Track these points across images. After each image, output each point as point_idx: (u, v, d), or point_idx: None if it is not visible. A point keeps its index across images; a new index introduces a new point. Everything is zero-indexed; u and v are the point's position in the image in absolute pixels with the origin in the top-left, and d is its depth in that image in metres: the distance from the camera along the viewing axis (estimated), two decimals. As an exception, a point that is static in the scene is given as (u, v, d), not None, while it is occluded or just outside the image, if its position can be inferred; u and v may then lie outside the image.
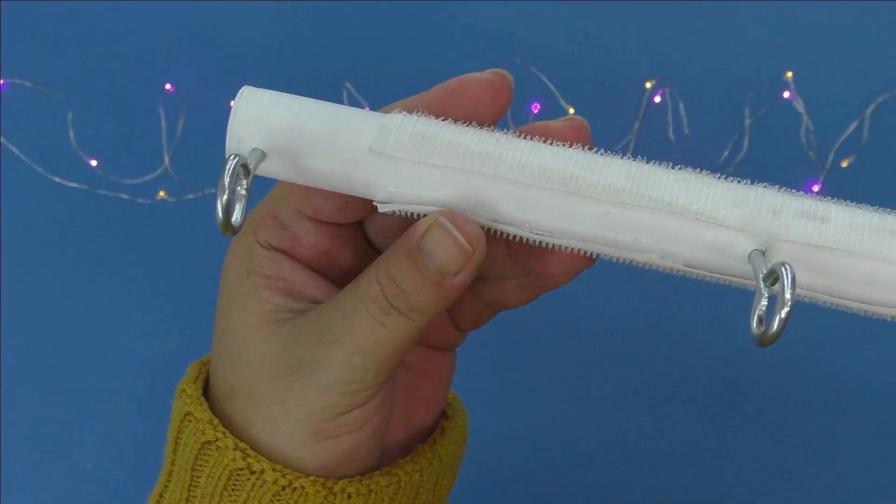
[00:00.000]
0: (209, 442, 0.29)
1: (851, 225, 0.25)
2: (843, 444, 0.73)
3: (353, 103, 0.75)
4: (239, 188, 0.26)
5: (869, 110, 0.69)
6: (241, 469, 0.28)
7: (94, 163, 0.78)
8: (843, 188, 0.70)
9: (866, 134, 0.69)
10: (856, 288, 0.25)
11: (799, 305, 0.26)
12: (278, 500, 0.28)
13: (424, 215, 0.27)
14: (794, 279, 0.23)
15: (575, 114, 0.73)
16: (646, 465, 0.75)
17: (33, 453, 0.75)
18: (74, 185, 0.77)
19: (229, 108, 0.82)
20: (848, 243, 0.24)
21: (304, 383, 0.28)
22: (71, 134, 0.78)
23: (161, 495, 0.32)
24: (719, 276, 0.26)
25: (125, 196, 0.75)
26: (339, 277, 0.31)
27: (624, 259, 0.26)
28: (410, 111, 0.28)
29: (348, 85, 0.75)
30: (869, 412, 0.72)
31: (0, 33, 0.80)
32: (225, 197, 0.25)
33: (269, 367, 0.28)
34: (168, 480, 0.31)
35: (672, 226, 0.25)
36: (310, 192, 0.29)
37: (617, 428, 0.76)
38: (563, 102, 0.73)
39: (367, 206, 0.28)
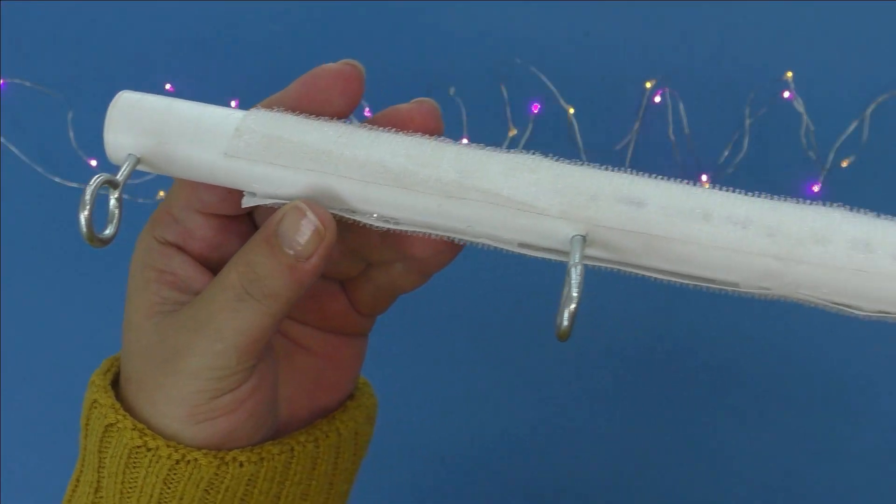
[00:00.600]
0: (111, 424, 0.31)
1: (666, 209, 0.26)
2: (844, 444, 0.73)
3: (353, 103, 0.76)
4: (113, 199, 0.29)
5: (869, 110, 0.69)
6: (138, 447, 0.30)
7: (94, 163, 0.78)
8: (843, 188, 0.70)
9: (866, 134, 0.69)
10: (674, 266, 0.26)
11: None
12: (174, 474, 0.30)
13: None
14: (581, 280, 0.25)
15: (574, 114, 0.73)
16: (645, 465, 0.75)
17: (33, 453, 0.75)
18: (74, 185, 0.77)
19: (229, 108, 0.82)
20: (661, 228, 0.26)
21: (176, 370, 0.29)
22: (71, 134, 0.78)
23: (77, 479, 0.35)
24: (556, 258, 0.27)
25: (125, 196, 0.75)
26: None
27: (466, 242, 0.28)
28: (271, 106, 0.30)
29: (348, 85, 0.75)
30: (869, 412, 0.72)
31: (0, 33, 0.80)
32: (86, 212, 0.27)
33: (151, 355, 0.30)
34: (82, 465, 0.34)
35: (499, 215, 0.27)
36: (196, 187, 0.31)
37: (617, 428, 0.76)
38: (563, 102, 0.73)
39: None
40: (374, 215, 0.28)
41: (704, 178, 0.72)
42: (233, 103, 0.77)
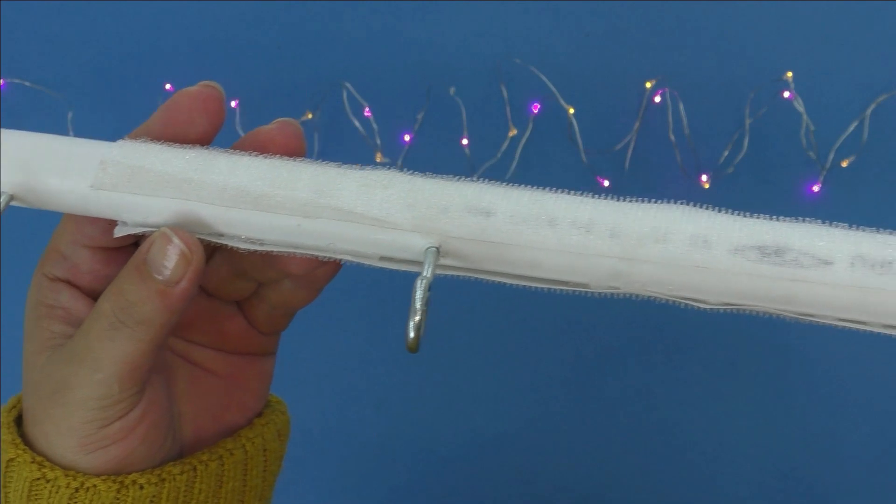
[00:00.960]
0: (11, 459, 0.31)
1: (513, 217, 0.26)
2: (844, 444, 0.73)
3: (354, 103, 0.76)
4: None
5: (869, 110, 0.69)
6: (37, 479, 0.31)
7: (94, 163, 0.78)
8: (843, 188, 0.70)
9: (866, 134, 0.69)
10: (525, 271, 0.27)
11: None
12: (74, 502, 0.31)
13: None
14: (425, 293, 0.26)
15: (574, 114, 0.73)
16: (645, 465, 0.76)
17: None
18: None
19: (230, 108, 0.82)
20: (509, 236, 0.26)
21: (63, 402, 0.30)
22: (71, 134, 0.78)
23: None
24: (417, 269, 0.28)
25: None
26: None
27: (333, 259, 0.29)
28: (138, 137, 0.31)
29: (348, 85, 0.75)
30: (869, 412, 0.73)
31: (0, 33, 0.80)
32: None
33: (41, 389, 0.31)
34: None
35: (355, 231, 0.28)
36: (80, 222, 0.32)
37: (617, 428, 0.76)
38: (563, 102, 0.73)
39: None
40: (241, 237, 0.29)
41: (704, 178, 0.72)
42: (233, 103, 0.77)
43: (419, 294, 0.26)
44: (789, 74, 0.70)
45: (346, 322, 0.78)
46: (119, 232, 0.30)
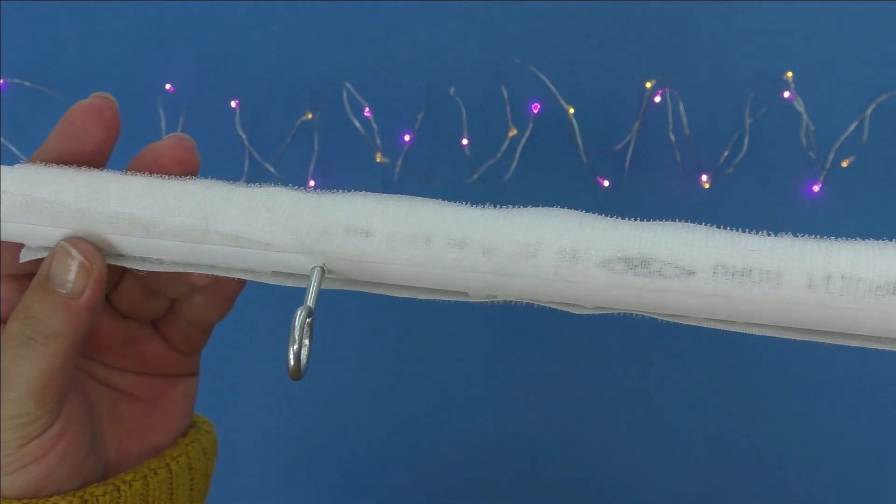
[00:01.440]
0: None
1: (391, 237, 0.28)
2: (844, 443, 0.73)
3: (353, 103, 0.76)
4: None
5: (869, 110, 0.69)
6: None
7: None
8: (843, 188, 0.70)
9: (866, 134, 0.69)
10: (407, 284, 0.28)
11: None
12: None
13: None
14: (303, 322, 0.27)
15: (574, 114, 0.73)
16: (646, 465, 0.75)
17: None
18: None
19: (230, 108, 0.82)
20: (386, 256, 0.28)
21: None
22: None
23: None
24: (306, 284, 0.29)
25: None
26: None
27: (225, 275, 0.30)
28: (38, 157, 0.31)
29: (348, 85, 0.75)
30: (869, 411, 0.73)
31: (0, 33, 0.80)
32: None
33: None
34: None
35: (244, 254, 0.29)
36: None
37: (617, 428, 0.76)
38: (563, 102, 0.73)
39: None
40: (139, 258, 0.30)
41: (704, 178, 0.72)
42: (233, 103, 0.77)
43: (297, 323, 0.27)
44: (789, 74, 0.70)
45: (345, 322, 0.78)
46: (25, 257, 0.30)
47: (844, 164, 0.70)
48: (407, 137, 0.76)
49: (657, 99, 0.72)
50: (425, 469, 0.78)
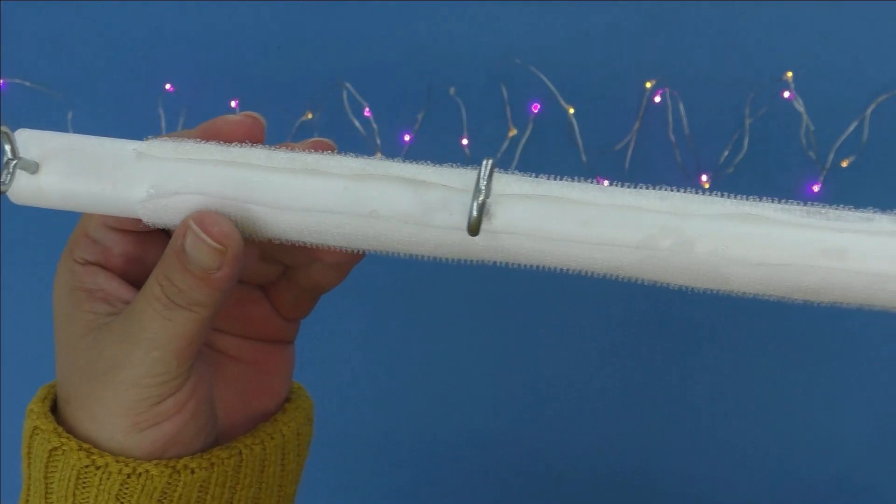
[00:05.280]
0: (55, 448, 0.31)
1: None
2: (844, 443, 0.73)
3: (354, 103, 0.76)
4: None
5: (869, 110, 0.69)
6: (86, 466, 0.31)
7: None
8: (843, 188, 0.70)
9: (866, 134, 0.69)
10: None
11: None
12: (126, 488, 0.31)
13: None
14: (490, 172, 0.27)
15: (574, 114, 0.73)
16: (645, 465, 0.75)
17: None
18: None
19: (230, 108, 0.82)
20: (570, 192, 0.28)
21: (116, 381, 0.30)
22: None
23: None
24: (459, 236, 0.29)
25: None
26: None
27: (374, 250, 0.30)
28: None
29: (348, 85, 0.75)
30: (869, 411, 0.73)
31: (0, 33, 0.80)
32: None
33: (89, 371, 0.31)
34: (27, 494, 0.34)
35: (405, 191, 0.28)
36: None
37: (617, 428, 0.76)
38: (563, 102, 0.73)
39: None
40: (278, 233, 0.30)
41: (704, 178, 0.72)
42: (233, 103, 0.77)
43: (484, 172, 0.26)
44: (789, 74, 0.70)
45: (345, 322, 0.78)
46: (146, 206, 0.30)
47: (844, 164, 0.70)
48: (407, 137, 0.76)
49: (657, 99, 0.72)
50: (425, 468, 0.78)
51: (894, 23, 0.70)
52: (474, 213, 0.27)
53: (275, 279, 0.35)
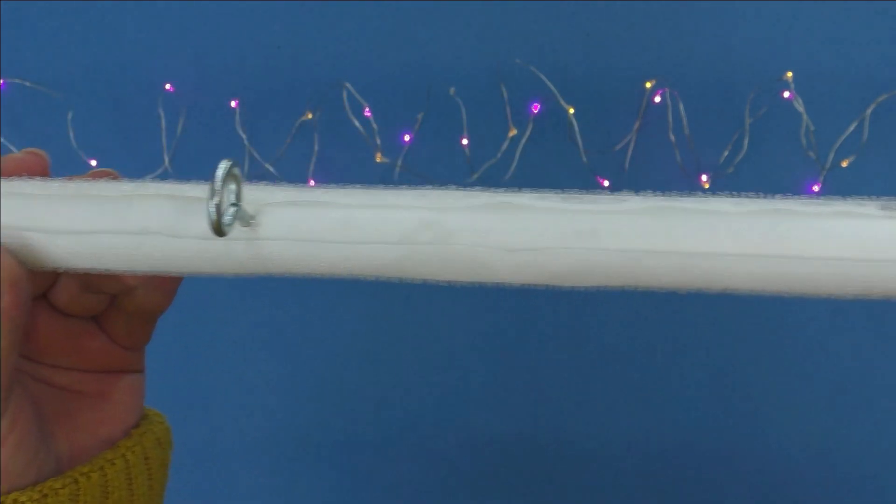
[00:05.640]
0: None
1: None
2: (846, 444, 0.73)
3: (354, 103, 0.76)
4: None
5: (869, 110, 0.69)
6: None
7: (93, 163, 0.78)
8: (843, 188, 0.70)
9: (866, 134, 0.69)
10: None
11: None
12: None
13: None
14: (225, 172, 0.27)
15: (574, 114, 0.73)
16: (645, 465, 0.75)
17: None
18: (74, 185, 0.77)
19: (230, 107, 0.82)
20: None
21: None
22: (71, 134, 0.78)
23: None
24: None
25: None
26: None
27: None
28: None
29: (348, 85, 0.75)
30: (869, 410, 0.72)
31: (0, 33, 0.80)
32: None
33: None
34: None
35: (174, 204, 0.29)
36: None
37: (617, 427, 0.76)
38: (563, 102, 0.73)
39: None
40: (74, 263, 0.30)
41: (704, 178, 0.72)
42: (233, 103, 0.77)
43: (221, 174, 0.27)
44: (789, 74, 0.70)
45: (346, 322, 0.78)
46: None
47: (844, 164, 0.70)
48: (407, 137, 0.76)
49: (657, 99, 0.72)
50: (425, 467, 0.78)
51: (894, 23, 0.70)
52: (212, 212, 0.27)
53: (104, 309, 0.35)
